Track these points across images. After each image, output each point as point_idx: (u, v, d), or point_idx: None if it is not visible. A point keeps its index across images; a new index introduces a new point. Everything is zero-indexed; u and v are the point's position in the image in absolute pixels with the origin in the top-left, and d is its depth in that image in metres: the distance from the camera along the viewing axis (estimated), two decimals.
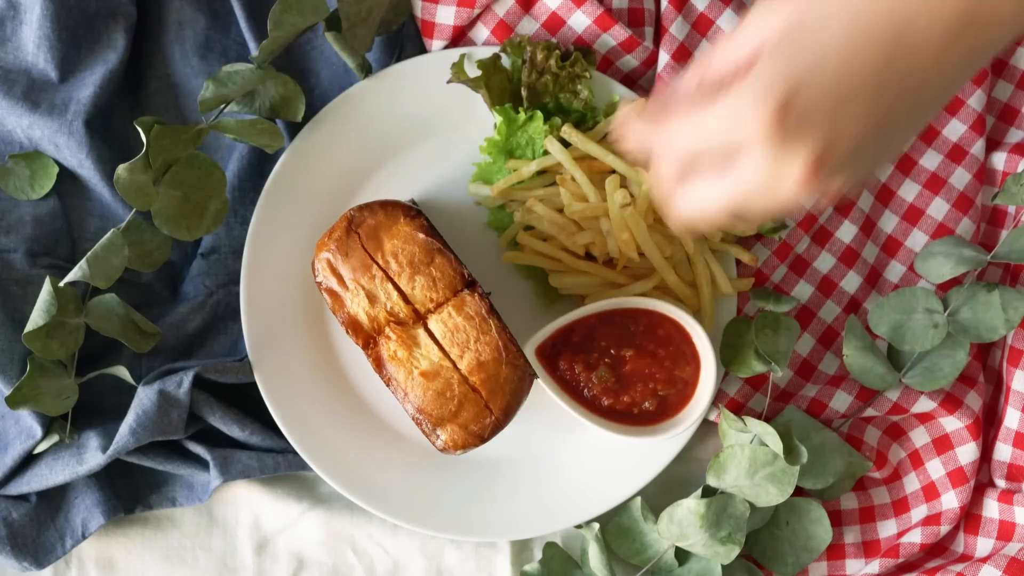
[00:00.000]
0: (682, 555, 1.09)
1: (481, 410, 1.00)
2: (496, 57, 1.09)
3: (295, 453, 1.09)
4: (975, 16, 0.67)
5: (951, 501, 1.09)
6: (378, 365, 1.02)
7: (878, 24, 0.65)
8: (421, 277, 0.99)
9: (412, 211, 1.03)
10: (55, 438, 1.06)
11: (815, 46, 0.66)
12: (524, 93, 1.09)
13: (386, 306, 1.01)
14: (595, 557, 1.07)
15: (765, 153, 0.66)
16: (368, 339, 1.02)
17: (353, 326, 1.02)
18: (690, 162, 0.70)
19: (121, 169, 1.03)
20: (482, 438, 1.01)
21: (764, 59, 0.66)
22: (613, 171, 1.06)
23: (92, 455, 1.05)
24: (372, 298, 1.01)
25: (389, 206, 1.02)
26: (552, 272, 1.08)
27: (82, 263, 1.04)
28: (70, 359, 1.06)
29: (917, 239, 1.14)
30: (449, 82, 1.09)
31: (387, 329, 1.01)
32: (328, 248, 1.01)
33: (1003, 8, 0.67)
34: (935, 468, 1.10)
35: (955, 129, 1.14)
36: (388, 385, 1.01)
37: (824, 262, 1.13)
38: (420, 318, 1.00)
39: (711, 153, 0.69)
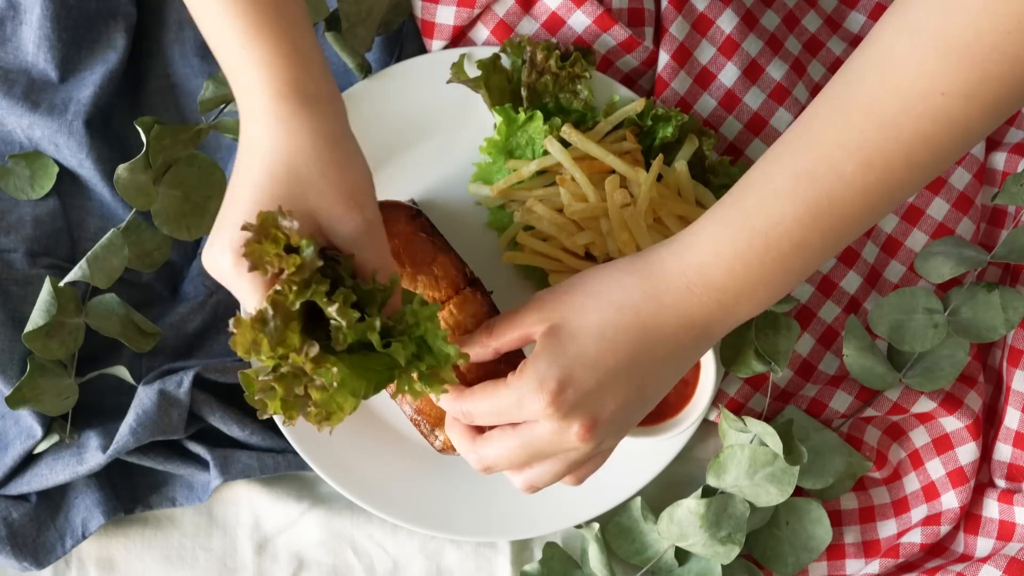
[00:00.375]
0: (682, 555, 1.09)
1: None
2: (496, 57, 1.09)
3: (295, 453, 1.09)
4: (701, 325, 0.87)
5: (951, 501, 1.09)
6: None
7: (622, 329, 0.86)
8: (423, 276, 0.99)
9: (412, 211, 1.03)
10: (55, 438, 1.06)
11: (576, 346, 0.85)
12: (524, 93, 1.09)
13: None
14: (595, 557, 1.07)
15: (550, 425, 0.85)
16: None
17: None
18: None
19: (121, 169, 1.03)
20: None
21: (539, 354, 0.86)
22: (613, 171, 1.06)
23: (92, 455, 1.05)
24: None
25: (389, 207, 1.02)
26: (552, 272, 1.08)
27: (82, 263, 1.04)
28: (70, 359, 1.06)
29: (917, 239, 1.14)
30: (449, 82, 1.09)
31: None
32: None
33: (729, 321, 0.88)
34: (935, 468, 1.10)
35: None
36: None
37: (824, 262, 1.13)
38: None
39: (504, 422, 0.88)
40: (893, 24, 0.82)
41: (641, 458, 1.09)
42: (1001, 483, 1.10)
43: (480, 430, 0.90)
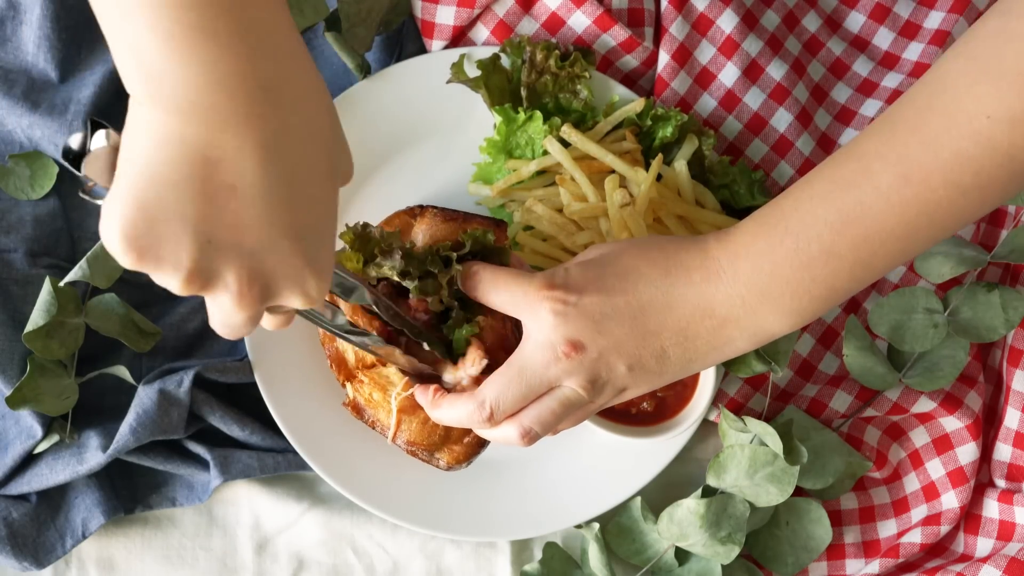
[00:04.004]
0: (682, 555, 1.09)
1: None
2: (496, 57, 1.09)
3: (295, 453, 1.09)
4: (719, 317, 0.88)
5: (951, 501, 1.09)
6: (358, 412, 1.02)
7: (644, 282, 0.89)
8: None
9: (416, 209, 1.03)
10: (55, 438, 1.06)
11: (596, 270, 0.90)
12: (524, 93, 1.09)
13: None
14: (595, 557, 1.07)
15: (544, 333, 0.88)
16: (350, 377, 1.02)
17: (338, 363, 1.02)
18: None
19: None
20: (482, 444, 1.01)
21: (568, 265, 0.90)
22: (612, 171, 1.06)
23: (92, 455, 1.05)
24: None
25: (393, 219, 1.02)
26: None
27: (82, 263, 1.04)
28: (70, 359, 1.06)
29: None
30: (449, 82, 1.09)
31: (359, 374, 1.01)
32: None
33: (747, 325, 0.89)
34: (935, 468, 1.10)
35: None
36: (374, 428, 1.02)
37: None
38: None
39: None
40: (954, 50, 0.83)
41: (641, 458, 1.09)
42: (1001, 483, 1.10)
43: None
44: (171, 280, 0.70)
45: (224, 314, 0.76)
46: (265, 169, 0.69)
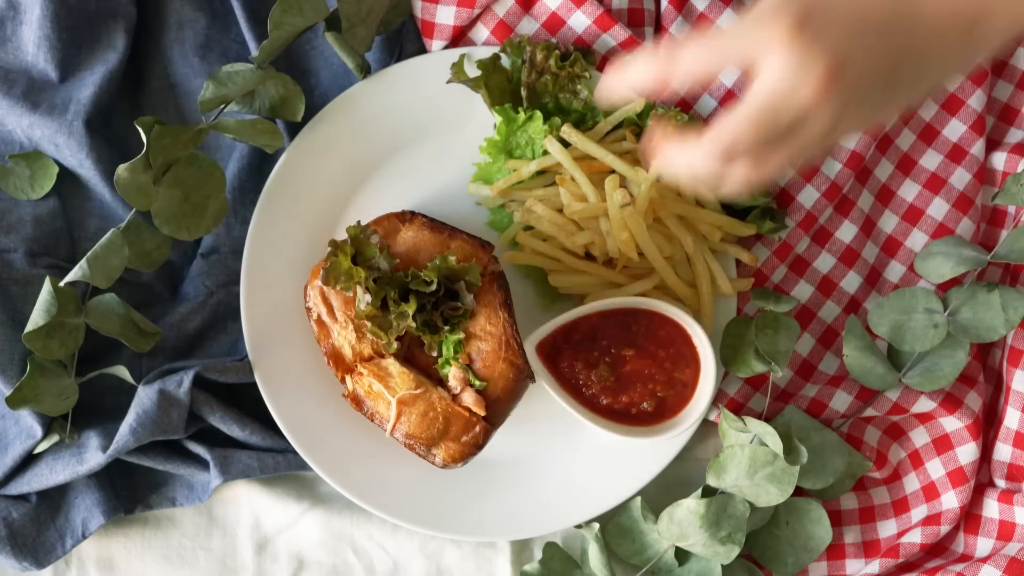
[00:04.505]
0: (682, 555, 1.09)
1: (469, 419, 1.01)
2: (496, 57, 1.09)
3: (295, 453, 1.09)
4: (968, 16, 0.75)
5: (951, 501, 1.09)
6: (357, 404, 1.03)
7: None
8: None
9: (407, 214, 1.04)
10: (55, 438, 1.06)
11: None
12: (524, 93, 1.09)
13: (372, 340, 1.02)
14: (595, 557, 1.07)
15: (785, 57, 0.72)
16: (348, 372, 1.03)
17: (335, 358, 1.03)
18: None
19: (121, 169, 1.03)
20: (478, 446, 1.01)
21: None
22: (612, 171, 1.06)
23: (92, 455, 1.05)
24: (360, 331, 1.02)
25: (383, 221, 1.03)
26: (552, 272, 1.08)
27: (82, 263, 1.04)
28: (70, 359, 1.06)
29: (917, 239, 1.14)
30: (449, 82, 1.09)
31: (358, 366, 1.02)
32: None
33: (999, 15, 0.75)
34: (935, 468, 1.10)
35: (955, 129, 1.14)
36: (372, 420, 1.02)
37: (824, 262, 1.13)
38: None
39: (729, 64, 0.74)
40: None
41: (641, 458, 1.09)
42: (1001, 483, 1.10)
43: None
44: None
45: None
46: None
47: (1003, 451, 1.09)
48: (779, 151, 0.77)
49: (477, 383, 1.00)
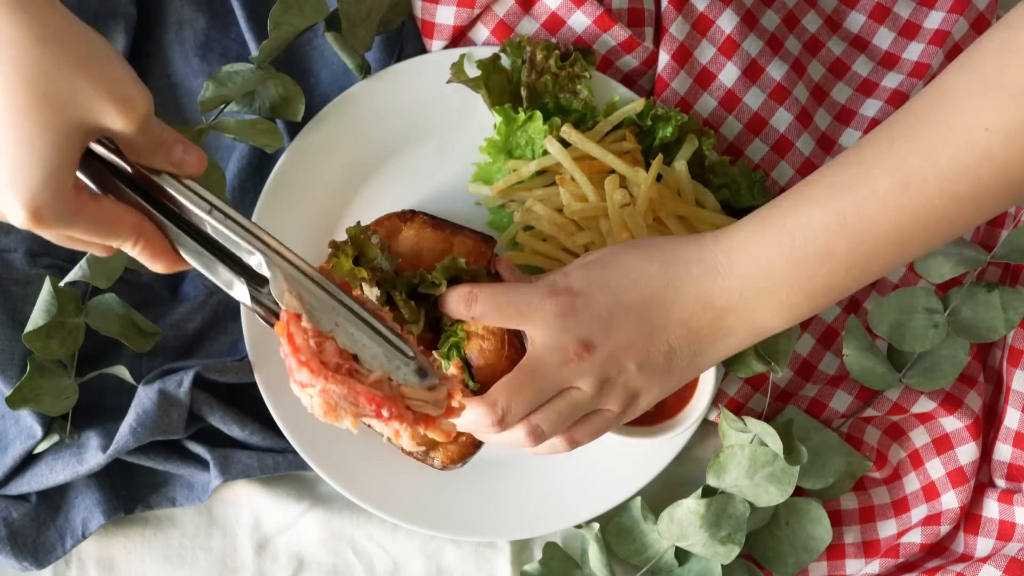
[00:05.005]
0: (682, 555, 1.09)
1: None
2: (496, 57, 1.09)
3: (295, 453, 1.09)
4: (719, 308, 0.90)
5: (951, 501, 1.09)
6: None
7: (646, 276, 0.90)
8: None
9: (408, 213, 1.04)
10: (55, 438, 1.06)
11: (599, 271, 0.91)
12: (524, 93, 1.09)
13: None
14: (595, 557, 1.07)
15: (546, 333, 0.89)
16: None
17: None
18: None
19: None
20: (476, 445, 1.01)
21: (568, 269, 0.92)
22: (612, 171, 1.06)
23: (92, 455, 1.05)
24: None
25: (384, 221, 1.03)
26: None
27: (82, 263, 1.04)
28: (70, 359, 1.06)
29: None
30: (449, 82, 1.09)
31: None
32: (331, 279, 1.01)
33: (747, 319, 0.91)
34: (935, 468, 1.10)
35: None
36: (369, 426, 1.02)
37: None
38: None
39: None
40: (959, 63, 0.84)
41: (641, 458, 1.09)
42: (1001, 483, 1.10)
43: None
44: None
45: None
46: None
47: (1003, 451, 1.09)
48: (562, 421, 0.91)
49: (472, 385, 1.00)
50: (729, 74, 1.13)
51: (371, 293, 0.98)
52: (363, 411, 0.85)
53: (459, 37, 1.12)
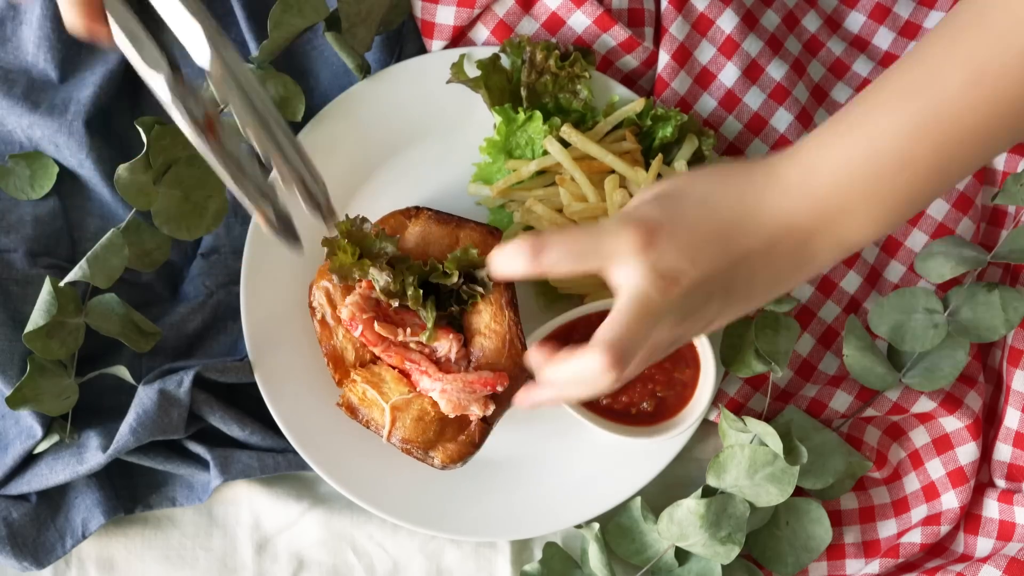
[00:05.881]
0: (682, 555, 1.09)
1: (465, 419, 1.01)
2: (496, 57, 1.09)
3: (295, 453, 1.09)
4: (801, 231, 0.85)
5: (951, 501, 1.09)
6: (352, 412, 1.03)
7: (724, 204, 0.85)
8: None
9: (412, 210, 1.04)
10: (55, 438, 1.06)
11: (674, 204, 0.85)
12: (523, 93, 1.09)
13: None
14: (595, 557, 1.07)
15: (637, 268, 0.83)
16: (345, 375, 1.03)
17: (335, 360, 1.03)
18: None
19: (121, 169, 1.03)
20: (475, 444, 1.01)
21: (638, 203, 0.87)
22: (612, 171, 1.06)
23: (92, 455, 1.05)
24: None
25: (388, 219, 1.03)
26: None
27: (82, 263, 1.04)
28: (70, 359, 1.06)
29: (917, 239, 1.14)
30: (449, 82, 1.09)
31: (352, 373, 1.02)
32: (330, 279, 1.02)
33: (831, 238, 0.85)
34: (935, 468, 1.10)
35: None
36: (368, 427, 1.02)
37: None
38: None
39: (587, 268, 0.85)
40: None
41: (641, 458, 1.09)
42: (1001, 483, 1.10)
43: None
44: None
45: None
46: None
47: (1003, 451, 1.09)
48: (649, 359, 0.88)
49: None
50: (729, 74, 1.13)
51: (381, 278, 0.98)
52: (481, 395, 0.96)
53: (459, 37, 1.12)
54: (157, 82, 0.78)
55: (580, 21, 1.10)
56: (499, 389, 0.97)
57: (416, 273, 0.98)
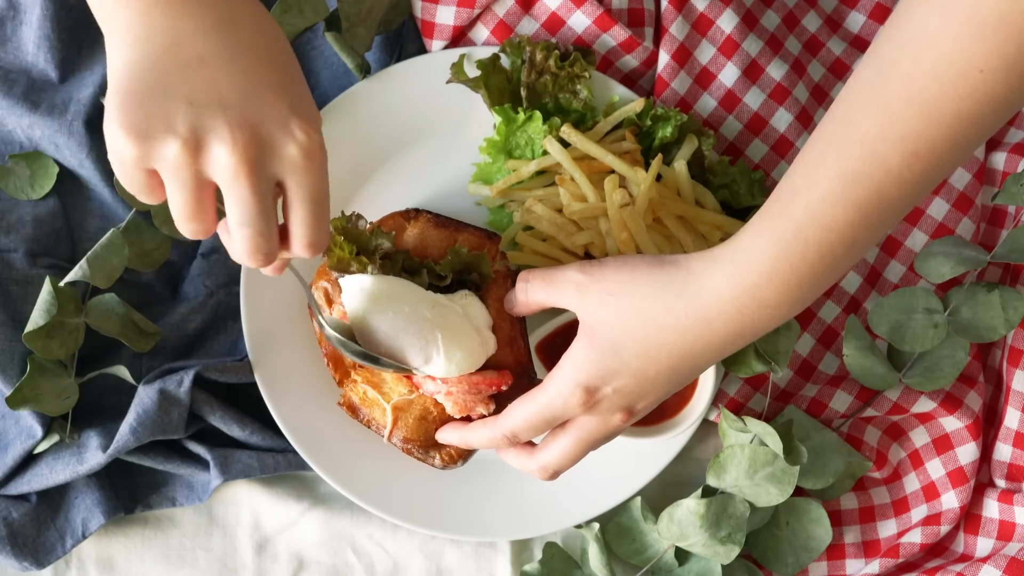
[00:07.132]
0: (682, 555, 1.09)
1: (466, 420, 1.01)
2: (496, 57, 1.09)
3: (295, 453, 1.09)
4: (750, 333, 0.88)
5: (951, 501, 1.09)
6: (353, 412, 1.02)
7: (666, 349, 0.89)
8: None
9: (411, 212, 1.04)
10: (55, 438, 1.06)
11: (618, 359, 0.89)
12: (523, 93, 1.09)
13: None
14: (595, 557, 1.07)
15: (595, 419, 0.92)
16: (346, 375, 1.03)
17: (335, 360, 1.03)
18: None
19: None
20: None
21: (580, 357, 0.90)
22: (612, 171, 1.06)
23: (92, 454, 1.05)
24: None
25: (387, 220, 1.03)
26: None
27: (82, 263, 1.04)
28: (70, 359, 1.06)
29: (917, 239, 1.14)
30: (449, 82, 1.09)
31: (352, 372, 1.02)
32: (329, 278, 1.01)
33: (777, 319, 0.88)
34: (935, 468, 1.10)
35: None
36: (369, 427, 1.02)
37: None
38: None
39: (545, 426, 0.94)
40: (917, 4, 0.79)
41: (641, 458, 1.09)
42: (1001, 483, 1.10)
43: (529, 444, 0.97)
44: (171, 151, 0.75)
45: (234, 193, 0.78)
46: (223, 39, 0.78)
47: (1003, 451, 1.09)
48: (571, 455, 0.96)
49: None
50: (729, 74, 1.13)
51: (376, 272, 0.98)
52: (485, 395, 0.98)
53: (459, 37, 1.12)
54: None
55: (580, 21, 1.10)
56: (503, 388, 0.97)
57: (412, 268, 0.99)
